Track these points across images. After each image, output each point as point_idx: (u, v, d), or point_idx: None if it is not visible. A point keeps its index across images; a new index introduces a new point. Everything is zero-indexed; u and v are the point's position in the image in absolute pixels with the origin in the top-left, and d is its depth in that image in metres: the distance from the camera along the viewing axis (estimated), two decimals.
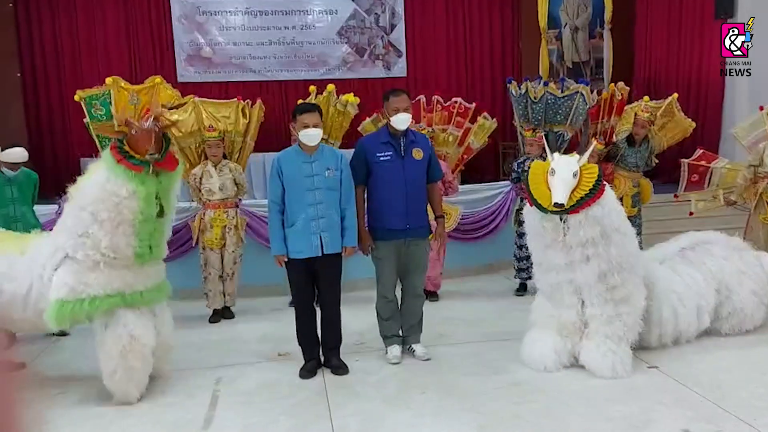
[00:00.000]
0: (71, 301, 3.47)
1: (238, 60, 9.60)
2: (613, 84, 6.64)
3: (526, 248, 4.36)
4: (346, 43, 9.87)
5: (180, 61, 9.48)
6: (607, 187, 3.83)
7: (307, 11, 9.77)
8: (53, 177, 7.47)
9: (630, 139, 6.07)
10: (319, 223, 3.91)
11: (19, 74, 8.77)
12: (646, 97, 6.92)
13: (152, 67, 9.37)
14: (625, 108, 6.73)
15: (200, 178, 5.34)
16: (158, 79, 5.93)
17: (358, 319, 4.83)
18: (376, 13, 9.93)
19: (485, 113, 6.59)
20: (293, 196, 3.93)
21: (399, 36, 10.00)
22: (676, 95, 6.75)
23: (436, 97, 6.38)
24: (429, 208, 4.30)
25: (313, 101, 5.55)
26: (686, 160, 6.18)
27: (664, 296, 4.11)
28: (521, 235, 4.88)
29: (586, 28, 10.03)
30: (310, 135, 3.92)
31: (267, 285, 5.76)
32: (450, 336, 4.68)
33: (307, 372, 4.01)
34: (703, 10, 8.57)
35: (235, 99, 5.80)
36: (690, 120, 6.76)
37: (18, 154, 5.11)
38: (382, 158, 4.09)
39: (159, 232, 3.69)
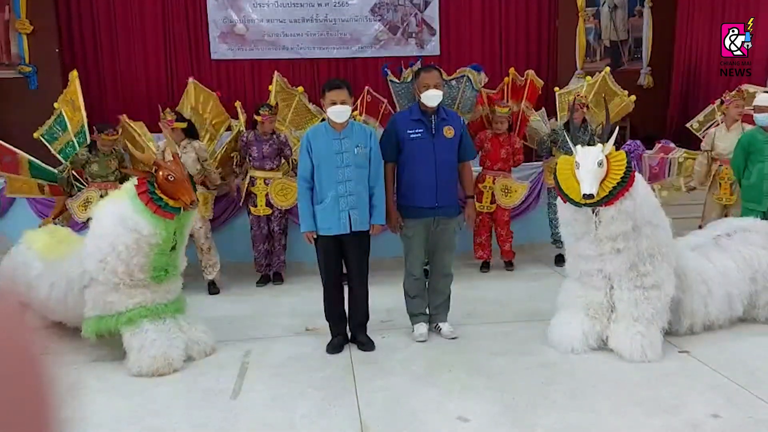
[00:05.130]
0: (104, 317, 3.76)
1: (271, 37, 9.59)
2: (513, 69, 6.46)
3: None
4: (379, 20, 9.77)
5: (213, 38, 9.52)
6: (638, 176, 3.75)
7: None
8: None
9: (567, 126, 5.99)
10: (348, 200, 3.91)
11: (57, 49, 8.91)
12: (588, 77, 6.83)
13: (186, 43, 9.43)
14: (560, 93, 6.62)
15: (162, 153, 5.40)
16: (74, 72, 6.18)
17: (385, 296, 4.85)
18: None
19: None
20: (322, 173, 3.93)
21: (433, 13, 9.86)
22: (607, 69, 6.60)
23: None
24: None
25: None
26: (647, 153, 6.33)
27: (694, 286, 4.03)
28: None
29: (625, 6, 9.78)
30: (339, 111, 3.91)
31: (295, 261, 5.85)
32: (479, 315, 4.67)
33: (334, 347, 4.05)
34: None
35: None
36: (626, 93, 6.60)
37: None
38: (412, 135, 4.06)
39: (173, 259, 3.85)
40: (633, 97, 6.49)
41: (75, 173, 5.59)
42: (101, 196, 5.34)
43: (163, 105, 5.62)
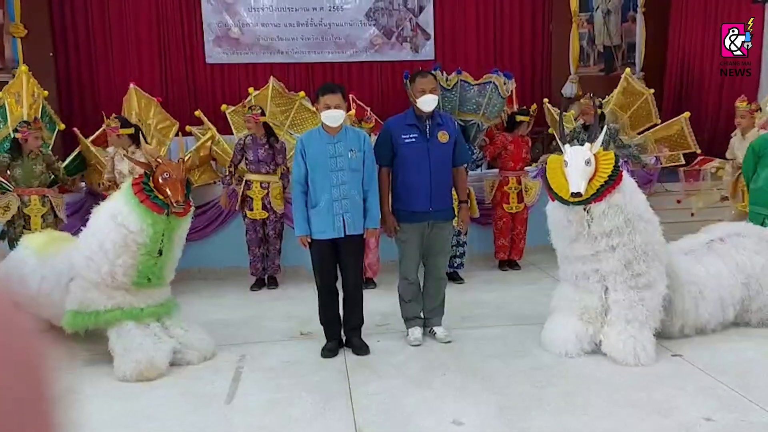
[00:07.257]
0: (80, 313, 3.76)
1: (266, 41, 9.60)
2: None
3: None
4: (373, 25, 9.80)
5: (208, 42, 9.52)
6: (626, 174, 3.80)
7: None
8: None
9: (585, 126, 6.28)
10: (342, 204, 3.92)
11: (51, 53, 8.90)
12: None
13: (181, 47, 9.43)
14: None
15: (113, 159, 5.44)
16: (23, 67, 6.22)
17: (380, 300, 4.87)
18: None
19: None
20: (316, 177, 3.94)
21: (427, 18, 9.90)
22: (628, 70, 6.89)
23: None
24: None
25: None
26: (682, 169, 6.81)
27: (686, 287, 4.06)
28: None
29: (618, 12, 9.85)
30: (333, 116, 3.92)
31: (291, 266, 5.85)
32: (473, 319, 4.69)
33: (328, 351, 4.05)
34: None
35: None
36: (651, 90, 7.01)
37: None
38: (407, 140, 4.08)
39: (159, 268, 3.82)
40: (686, 114, 6.88)
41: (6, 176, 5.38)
42: (23, 203, 5.23)
43: (107, 113, 5.65)
